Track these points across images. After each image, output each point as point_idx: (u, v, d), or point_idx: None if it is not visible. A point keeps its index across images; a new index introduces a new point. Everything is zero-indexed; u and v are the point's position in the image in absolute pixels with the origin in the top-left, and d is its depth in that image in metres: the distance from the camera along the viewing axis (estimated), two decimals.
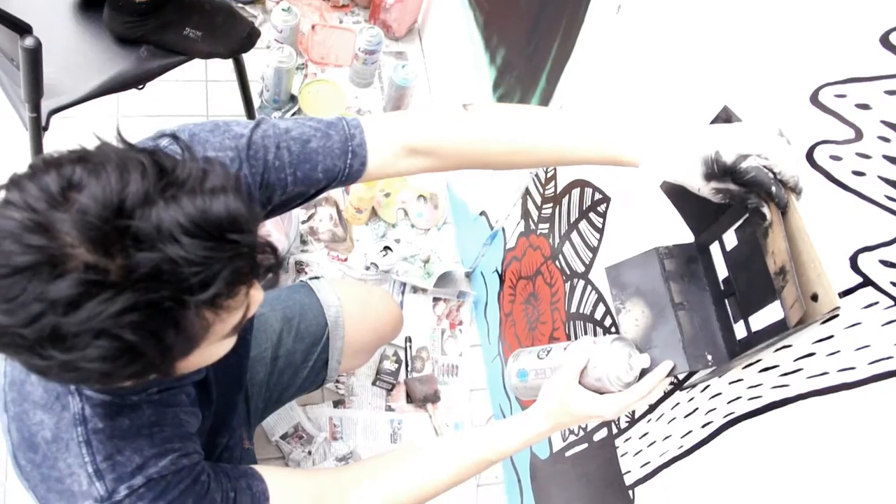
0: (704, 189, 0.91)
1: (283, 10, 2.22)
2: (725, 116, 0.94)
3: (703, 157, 0.89)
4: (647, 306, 1.05)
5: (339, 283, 1.60)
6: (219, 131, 0.93)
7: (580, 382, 1.04)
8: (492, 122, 1.03)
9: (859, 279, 0.76)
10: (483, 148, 1.04)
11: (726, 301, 0.98)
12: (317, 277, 1.57)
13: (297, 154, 0.96)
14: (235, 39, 1.68)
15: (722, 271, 0.98)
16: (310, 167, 0.97)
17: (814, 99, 0.79)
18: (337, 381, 1.92)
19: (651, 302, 1.04)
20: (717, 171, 0.88)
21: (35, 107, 1.51)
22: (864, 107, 0.74)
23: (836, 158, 0.78)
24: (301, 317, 1.48)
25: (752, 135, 0.86)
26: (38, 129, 1.55)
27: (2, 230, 0.62)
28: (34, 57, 1.41)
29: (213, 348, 0.77)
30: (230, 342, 0.79)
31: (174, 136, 0.79)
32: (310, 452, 1.82)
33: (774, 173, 0.84)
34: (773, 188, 0.83)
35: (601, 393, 1.03)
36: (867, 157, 0.74)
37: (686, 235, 1.05)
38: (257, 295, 0.77)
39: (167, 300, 0.64)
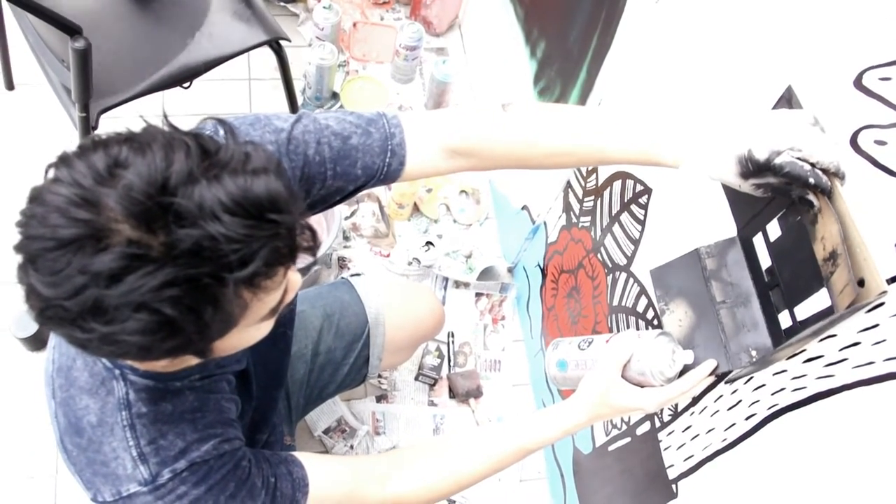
0: (745, 186, 0.89)
1: (324, 7, 2.24)
2: (788, 96, 0.91)
3: (736, 157, 0.86)
4: (689, 307, 1.04)
5: (380, 280, 1.60)
6: (259, 125, 0.94)
7: (622, 375, 1.03)
8: (531, 124, 1.02)
9: None
10: (522, 150, 1.03)
11: (770, 293, 0.96)
12: (358, 274, 1.58)
13: (337, 150, 0.96)
14: None
15: (765, 262, 0.96)
16: (349, 163, 0.97)
17: (857, 83, 0.78)
18: (379, 377, 1.93)
19: (693, 302, 1.04)
20: (752, 169, 0.86)
21: (84, 106, 1.55)
22: None
23: (881, 143, 0.76)
24: (342, 314, 1.49)
25: (785, 127, 0.83)
26: (87, 129, 1.58)
27: (49, 205, 0.64)
28: (84, 57, 1.44)
29: (251, 331, 0.78)
30: (267, 326, 0.80)
31: (218, 121, 0.80)
32: (352, 447, 1.83)
33: (812, 163, 0.82)
34: (811, 179, 0.81)
35: (642, 387, 1.02)
36: None
37: (728, 225, 1.03)
38: (295, 278, 0.78)
39: (206, 276, 0.65)
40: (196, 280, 0.65)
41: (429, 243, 2.08)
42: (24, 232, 0.65)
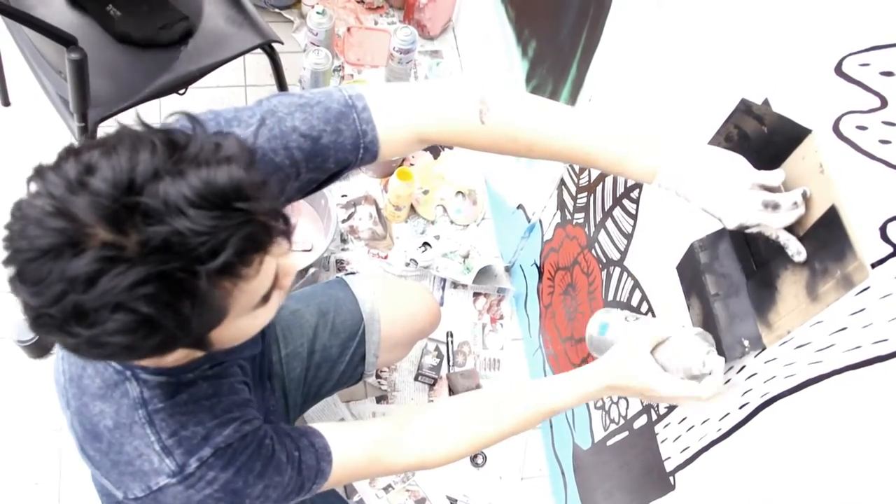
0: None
1: (318, 13, 2.25)
2: (745, 108, 0.94)
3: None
4: (696, 301, 1.08)
5: (374, 278, 1.61)
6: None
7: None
8: (510, 126, 1.01)
9: (890, 249, 0.75)
10: (499, 149, 1.04)
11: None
12: (352, 273, 1.59)
13: (308, 150, 0.94)
14: (151, 29, 1.70)
15: (756, 250, 0.98)
16: (321, 160, 0.96)
17: (838, 69, 0.79)
18: (379, 377, 1.94)
19: (698, 296, 1.07)
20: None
21: (83, 116, 1.55)
22: (888, 74, 0.73)
23: (862, 128, 0.77)
24: (336, 311, 1.49)
25: (752, 202, 0.90)
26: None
27: (27, 217, 0.66)
28: (81, 68, 1.45)
29: (247, 320, 0.78)
30: (266, 313, 0.81)
31: (186, 115, 0.80)
32: None
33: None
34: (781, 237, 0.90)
35: None
36: (893, 124, 0.73)
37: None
38: (287, 263, 0.79)
39: (178, 271, 0.66)
40: (168, 276, 0.65)
41: (426, 244, 2.09)
42: (8, 246, 0.67)
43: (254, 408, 0.98)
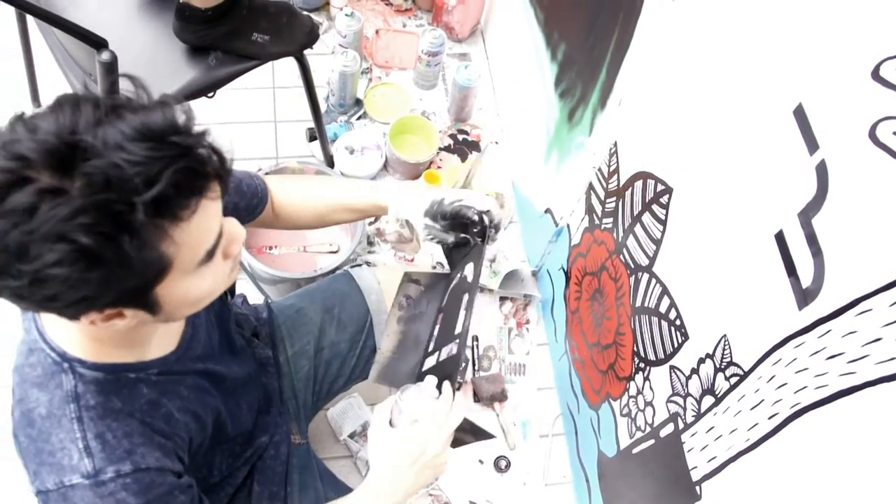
0: (419, 223, 1.28)
1: (346, 15, 2.25)
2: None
3: (431, 199, 1.27)
4: None
5: (380, 268, 1.59)
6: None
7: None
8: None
9: None
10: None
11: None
12: (359, 265, 1.57)
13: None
14: (301, 35, 1.71)
15: None
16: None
17: (875, 74, 0.77)
18: None
19: None
20: (436, 211, 1.27)
21: None
22: None
23: None
24: (341, 306, 1.48)
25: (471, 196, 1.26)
26: None
27: None
28: (111, 70, 1.46)
29: (194, 280, 0.80)
30: (214, 277, 0.82)
31: (130, 77, 0.82)
32: None
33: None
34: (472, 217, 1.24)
35: None
36: None
37: (746, 224, 1.02)
38: (233, 230, 0.84)
39: (115, 202, 0.67)
40: (105, 206, 0.67)
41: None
42: None
43: (175, 462, 0.96)
